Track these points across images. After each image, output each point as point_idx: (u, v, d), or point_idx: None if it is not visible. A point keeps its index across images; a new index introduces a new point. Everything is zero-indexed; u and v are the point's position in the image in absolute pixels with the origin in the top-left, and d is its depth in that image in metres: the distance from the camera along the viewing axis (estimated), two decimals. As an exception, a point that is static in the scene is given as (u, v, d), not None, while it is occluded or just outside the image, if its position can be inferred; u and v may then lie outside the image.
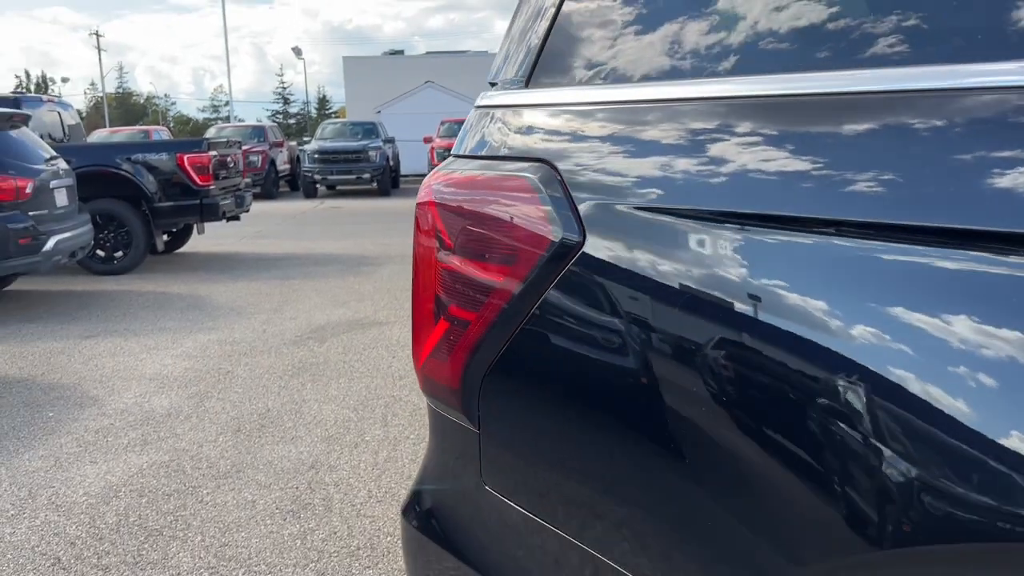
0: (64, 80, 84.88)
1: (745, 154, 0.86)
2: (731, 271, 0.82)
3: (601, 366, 0.95)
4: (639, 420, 0.91)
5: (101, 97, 67.64)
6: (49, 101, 10.57)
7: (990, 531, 0.63)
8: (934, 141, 0.74)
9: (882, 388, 0.69)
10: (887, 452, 0.69)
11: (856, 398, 0.71)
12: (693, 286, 0.85)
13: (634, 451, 0.93)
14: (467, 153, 1.19)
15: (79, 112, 11.49)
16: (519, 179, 1.06)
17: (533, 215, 1.03)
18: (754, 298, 0.80)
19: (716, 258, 0.84)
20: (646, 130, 0.98)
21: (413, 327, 1.24)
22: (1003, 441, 0.62)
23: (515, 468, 1.12)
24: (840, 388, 0.72)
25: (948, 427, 0.65)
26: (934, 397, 0.66)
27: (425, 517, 1.28)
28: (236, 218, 10.13)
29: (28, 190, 6.59)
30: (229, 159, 9.83)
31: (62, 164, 7.41)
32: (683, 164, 0.91)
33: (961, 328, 0.66)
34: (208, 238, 10.80)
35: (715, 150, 0.89)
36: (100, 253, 8.61)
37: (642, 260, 0.91)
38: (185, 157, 8.82)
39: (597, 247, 0.96)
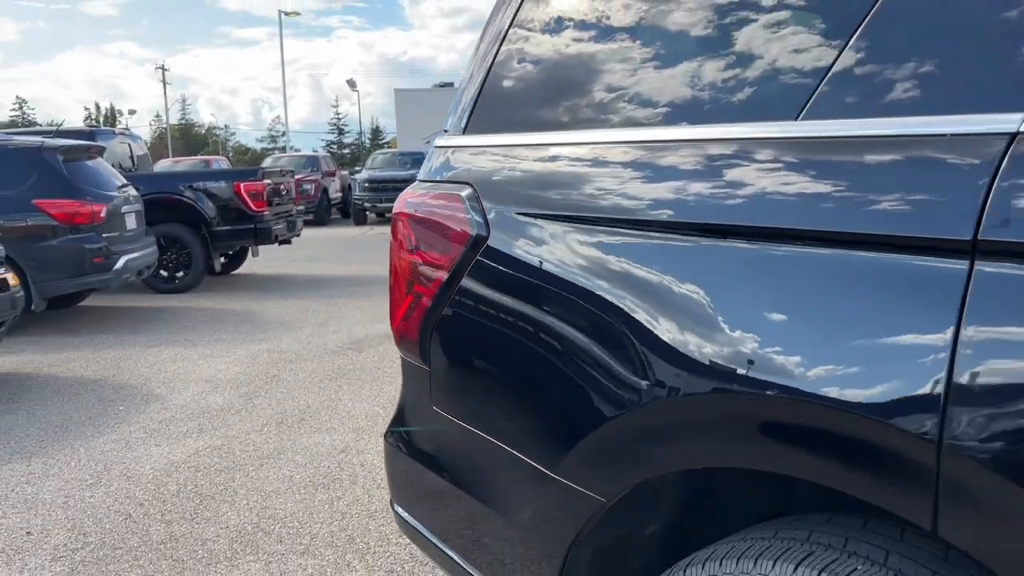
0: (131, 112, 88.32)
1: (588, 179, 1.36)
2: (576, 254, 1.33)
3: (500, 321, 1.46)
4: (523, 355, 1.41)
5: (165, 128, 70.34)
6: (120, 134, 11.46)
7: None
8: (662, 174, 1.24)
9: (629, 322, 1.20)
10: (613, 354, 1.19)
11: (624, 330, 1.21)
12: (553, 264, 1.36)
13: (519, 375, 1.44)
14: (425, 178, 1.73)
15: (145, 142, 12.36)
16: (453, 195, 1.59)
17: (460, 218, 1.55)
18: (586, 270, 1.31)
19: (566, 245, 1.35)
20: (528, 162, 1.50)
21: (391, 303, 1.76)
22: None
23: (451, 393, 1.63)
24: (614, 324, 1.23)
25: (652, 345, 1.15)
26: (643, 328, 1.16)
27: (396, 436, 1.80)
28: (288, 242, 10.83)
29: (102, 214, 7.32)
30: (282, 187, 10.56)
31: (131, 191, 8.17)
32: (547, 183, 1.43)
33: (646, 277, 1.16)
34: (262, 260, 11.52)
35: (568, 175, 1.40)
36: (163, 273, 9.36)
37: (521, 248, 1.43)
38: (241, 185, 9.56)
39: (497, 240, 1.48)
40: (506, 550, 1.50)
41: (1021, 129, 0.87)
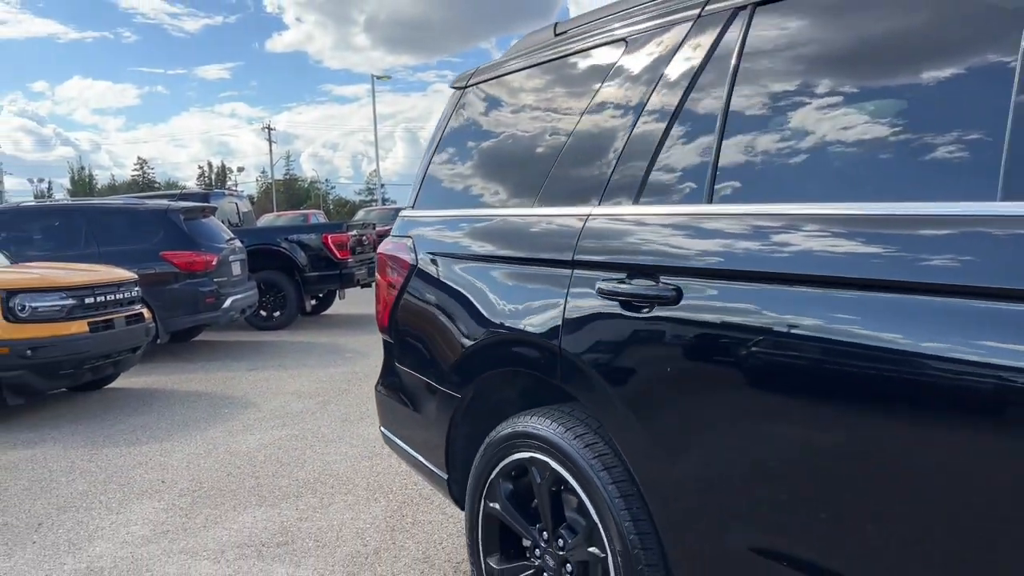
0: (239, 169, 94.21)
1: (454, 235, 2.61)
2: (448, 273, 2.57)
3: (419, 309, 2.71)
4: (428, 326, 2.66)
5: (270, 183, 74.79)
6: (229, 194, 13.33)
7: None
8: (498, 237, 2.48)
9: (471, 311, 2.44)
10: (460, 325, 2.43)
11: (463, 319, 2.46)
12: (440, 279, 2.61)
13: (428, 337, 2.68)
14: (393, 233, 3.00)
15: (251, 197, 14.27)
16: (403, 244, 2.86)
17: (406, 256, 2.82)
18: (452, 281, 2.55)
19: (445, 269, 2.60)
20: (433, 228, 2.76)
21: (376, 304, 3.03)
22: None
23: (402, 353, 2.89)
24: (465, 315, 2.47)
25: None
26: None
27: (380, 385, 3.06)
28: (368, 286, 12.34)
29: (213, 263, 8.93)
30: (364, 238, 12.13)
31: (237, 243, 9.81)
32: (439, 239, 2.68)
33: (474, 283, 2.40)
34: (347, 303, 13.07)
35: (447, 235, 2.65)
36: (263, 312, 10.96)
37: (428, 273, 2.68)
38: (329, 236, 11.14)
39: (419, 269, 2.74)
40: (427, 438, 2.73)
41: (592, 213, 2.08)
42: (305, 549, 3.48)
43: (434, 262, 2.68)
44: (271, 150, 73.48)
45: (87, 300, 6.29)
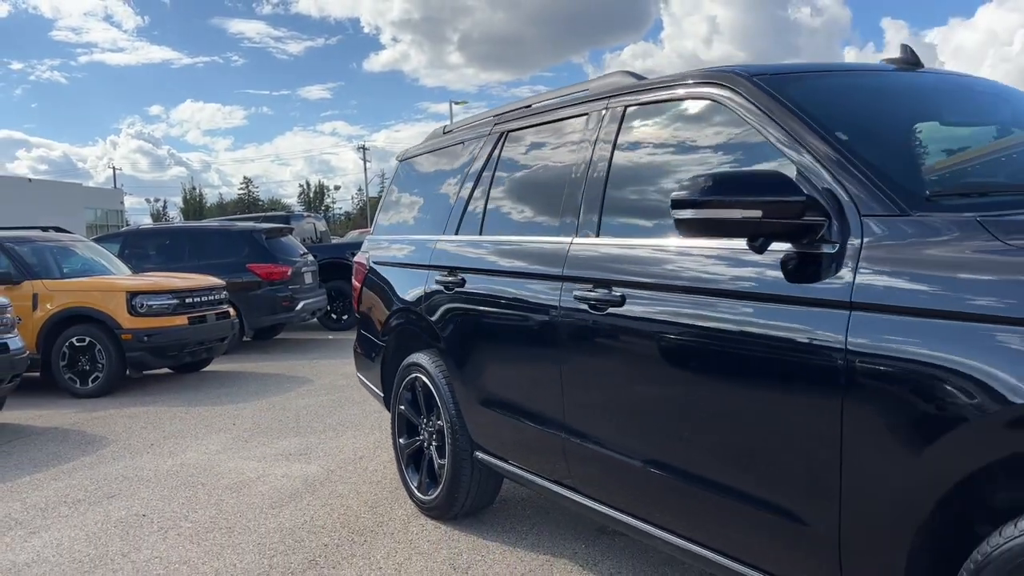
0: (336, 188, 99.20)
1: (391, 251, 4.40)
2: (385, 273, 4.37)
3: (369, 296, 4.51)
4: (374, 305, 4.45)
5: (365, 201, 78.46)
6: (309, 216, 15.52)
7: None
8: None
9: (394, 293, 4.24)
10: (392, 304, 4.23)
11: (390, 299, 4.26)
12: (382, 278, 4.39)
13: (373, 309, 4.48)
14: (361, 249, 4.82)
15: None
16: (364, 255, 4.68)
17: (364, 262, 4.63)
18: (388, 277, 4.34)
19: (382, 272, 4.39)
20: (380, 247, 4.56)
21: (354, 297, 4.85)
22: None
23: (364, 323, 4.69)
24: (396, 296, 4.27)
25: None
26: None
27: (355, 345, 4.88)
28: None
29: (289, 273, 10.98)
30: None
31: (310, 257, 11.87)
32: (383, 255, 4.48)
33: (399, 280, 4.19)
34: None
35: (387, 251, 4.45)
36: (332, 315, 12.99)
37: (384, 272, 4.48)
38: (387, 251, 13.12)
39: (371, 271, 4.54)
40: (373, 373, 4.51)
41: (440, 239, 3.84)
42: (316, 456, 5.30)
43: (377, 266, 4.47)
44: (366, 170, 77.13)
45: (187, 300, 8.37)
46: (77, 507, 4.44)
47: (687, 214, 2.13)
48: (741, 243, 2.17)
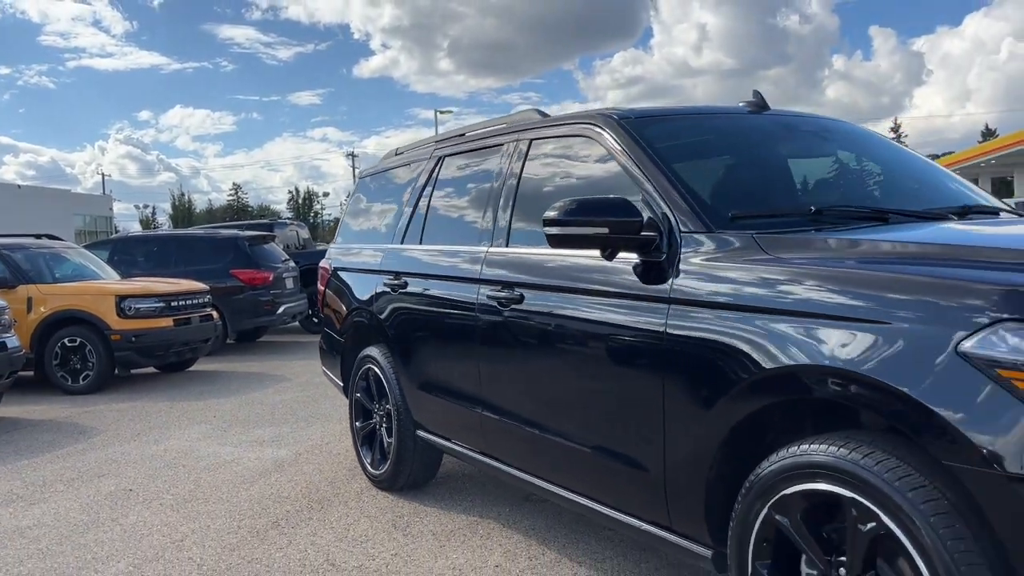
0: (325, 195, 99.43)
1: (352, 259, 5.01)
2: (346, 276, 4.97)
3: (331, 297, 5.12)
4: (337, 300, 5.05)
5: (353, 207, 78.85)
6: (292, 224, 16.08)
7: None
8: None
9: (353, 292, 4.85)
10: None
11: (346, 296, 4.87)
12: (344, 280, 4.99)
13: (337, 304, 5.09)
14: (326, 256, 5.42)
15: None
16: (327, 261, 5.28)
17: (327, 267, 5.24)
18: (348, 279, 4.95)
19: (343, 276, 5.00)
20: (339, 252, 5.17)
21: (318, 296, 5.46)
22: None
23: (327, 320, 5.29)
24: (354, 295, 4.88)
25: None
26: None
27: (320, 342, 5.48)
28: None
29: (271, 278, 11.56)
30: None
31: (291, 263, 12.45)
32: (344, 261, 5.09)
33: (359, 282, 4.80)
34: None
35: (347, 258, 5.06)
36: (314, 319, 13.56)
37: (343, 276, 5.08)
38: (366, 257, 13.72)
39: (333, 275, 5.15)
40: (334, 365, 5.11)
41: (390, 247, 4.45)
42: (287, 443, 5.89)
43: (338, 271, 5.07)
44: (355, 175, 77.65)
45: (172, 304, 8.94)
46: (71, 484, 5.01)
47: (554, 230, 2.75)
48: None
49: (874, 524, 1.97)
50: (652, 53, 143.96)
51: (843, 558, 2.08)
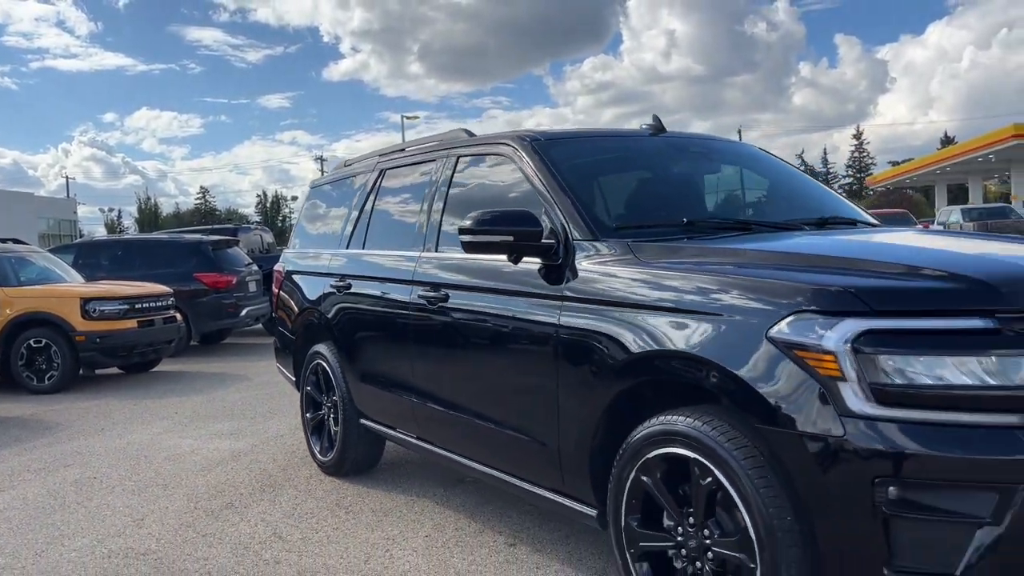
0: (294, 198, 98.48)
1: (306, 262, 5.40)
2: (299, 279, 5.36)
3: (284, 298, 5.51)
4: (289, 300, 5.45)
5: (322, 211, 78.69)
6: (257, 228, 16.37)
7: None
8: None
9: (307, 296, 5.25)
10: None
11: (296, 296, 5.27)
12: (296, 283, 5.39)
13: (287, 300, 5.48)
14: (280, 260, 5.81)
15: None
16: (282, 264, 5.67)
17: (281, 270, 5.63)
18: (301, 282, 5.35)
19: (295, 278, 5.39)
20: (293, 256, 5.56)
21: (273, 301, 5.84)
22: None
23: (280, 319, 5.68)
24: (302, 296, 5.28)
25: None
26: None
27: (275, 340, 5.86)
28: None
29: (234, 282, 11.87)
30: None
31: (254, 267, 12.77)
32: (298, 264, 5.49)
33: (309, 284, 5.20)
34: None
35: (301, 262, 5.45)
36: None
37: (296, 278, 5.48)
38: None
39: (286, 278, 5.54)
40: (287, 362, 5.50)
41: (336, 253, 4.85)
42: (244, 436, 6.26)
43: (291, 274, 5.46)
44: (322, 180, 77.48)
45: (136, 306, 9.25)
46: (38, 473, 5.35)
47: (468, 238, 3.18)
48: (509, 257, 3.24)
49: (711, 479, 2.42)
50: (622, 59, 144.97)
51: (692, 509, 2.53)
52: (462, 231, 3.19)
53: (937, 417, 2.07)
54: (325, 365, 4.88)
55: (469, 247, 3.22)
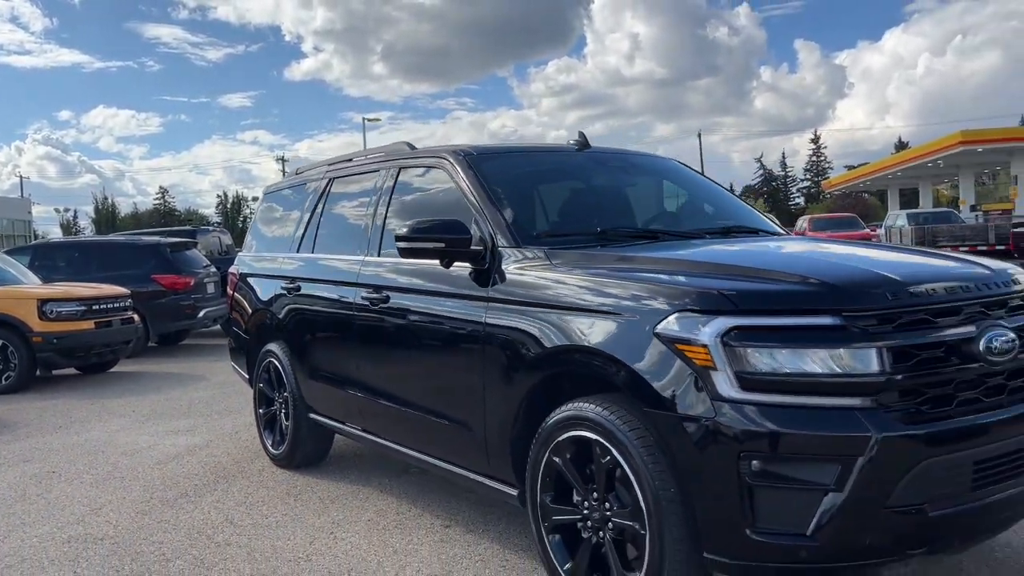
0: (255, 199, 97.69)
1: (258, 264, 5.67)
2: (253, 282, 5.62)
3: (239, 299, 5.76)
4: (244, 300, 5.70)
5: (283, 212, 78.20)
6: (215, 230, 16.48)
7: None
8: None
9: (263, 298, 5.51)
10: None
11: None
12: (250, 284, 5.65)
13: (242, 303, 5.74)
14: (234, 263, 6.07)
15: None
16: (236, 267, 5.93)
17: (235, 273, 5.89)
18: (256, 285, 5.61)
19: (250, 281, 5.65)
20: (247, 258, 5.82)
21: (228, 302, 6.09)
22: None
23: (233, 318, 5.93)
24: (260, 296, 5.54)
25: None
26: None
27: (229, 340, 6.11)
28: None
29: (192, 283, 12.02)
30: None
31: (212, 268, 12.92)
32: (252, 267, 5.74)
33: (261, 286, 5.47)
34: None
35: (255, 265, 5.71)
36: (235, 323, 14.04)
37: (249, 280, 5.73)
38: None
39: (241, 280, 5.80)
40: (241, 361, 5.76)
41: (290, 256, 5.12)
42: (200, 432, 6.49)
43: (245, 277, 5.72)
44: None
45: (94, 307, 9.40)
46: (-2, 468, 5.55)
47: (404, 244, 3.49)
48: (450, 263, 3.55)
49: (610, 458, 2.76)
50: (586, 62, 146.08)
51: (595, 486, 2.87)
52: (398, 238, 3.50)
53: (792, 400, 2.43)
54: (277, 363, 5.15)
55: (405, 253, 3.53)
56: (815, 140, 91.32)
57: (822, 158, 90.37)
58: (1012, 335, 2.65)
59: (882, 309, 2.52)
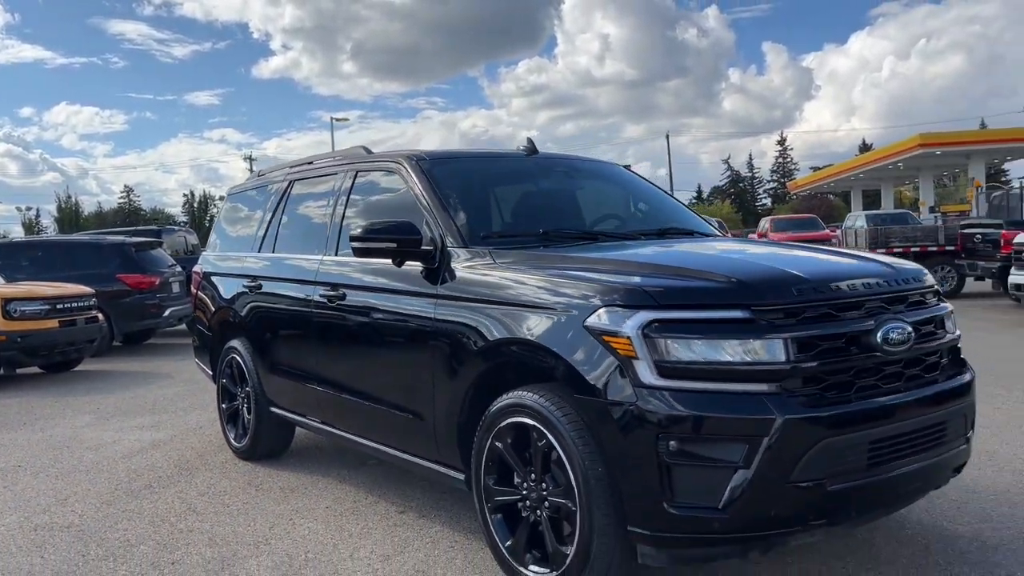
0: (222, 198, 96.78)
1: (221, 264, 5.83)
2: (217, 281, 5.78)
3: (203, 298, 5.92)
4: (209, 299, 5.86)
5: (251, 212, 77.58)
6: (181, 229, 16.52)
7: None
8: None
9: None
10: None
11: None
12: (214, 283, 5.81)
13: (206, 301, 5.90)
14: (197, 264, 6.22)
15: None
16: (200, 266, 6.08)
17: (199, 271, 6.04)
18: (220, 284, 5.77)
19: (214, 280, 5.81)
20: (210, 257, 5.99)
21: (192, 301, 6.25)
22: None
23: (198, 318, 6.09)
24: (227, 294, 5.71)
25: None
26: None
27: (192, 338, 6.27)
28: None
29: (156, 283, 12.10)
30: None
31: (178, 268, 12.99)
32: (216, 266, 5.91)
33: (224, 284, 5.63)
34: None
35: (220, 265, 5.88)
36: (201, 322, 14.11)
37: (213, 279, 5.89)
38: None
39: (205, 280, 5.96)
40: (204, 357, 5.92)
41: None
42: (165, 428, 6.63)
43: (208, 276, 5.88)
44: (251, 180, 76.47)
45: (58, 306, 9.47)
46: (-36, 463, 5.66)
47: (358, 244, 3.70)
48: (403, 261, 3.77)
49: (545, 442, 2.99)
50: (556, 62, 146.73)
51: (533, 468, 3.10)
52: (353, 238, 3.71)
53: (705, 387, 2.68)
54: (239, 359, 5.33)
55: (359, 252, 3.74)
56: (782, 142, 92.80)
57: (789, 160, 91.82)
58: (909, 328, 2.93)
59: (788, 304, 2.78)
